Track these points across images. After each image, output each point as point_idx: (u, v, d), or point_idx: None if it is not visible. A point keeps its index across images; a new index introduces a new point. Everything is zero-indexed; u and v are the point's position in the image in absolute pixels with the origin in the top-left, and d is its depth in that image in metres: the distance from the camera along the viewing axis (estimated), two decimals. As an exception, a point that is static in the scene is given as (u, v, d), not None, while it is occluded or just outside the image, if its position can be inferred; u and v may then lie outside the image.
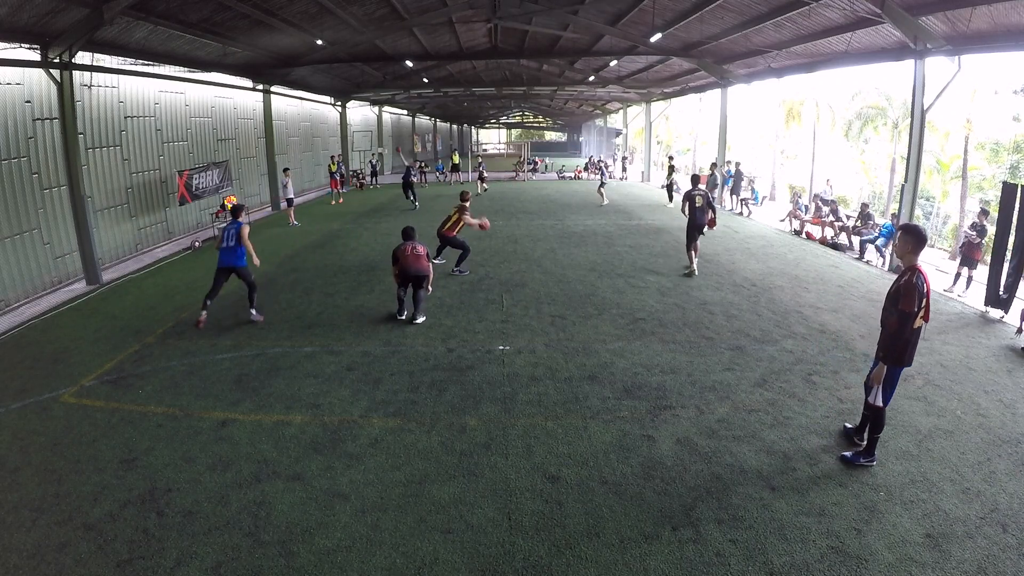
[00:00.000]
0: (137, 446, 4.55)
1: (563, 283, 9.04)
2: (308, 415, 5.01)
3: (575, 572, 3.23)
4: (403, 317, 7.46)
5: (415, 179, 20.30)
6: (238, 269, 7.27)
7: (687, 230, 9.52)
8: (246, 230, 7.29)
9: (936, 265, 11.37)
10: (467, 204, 9.74)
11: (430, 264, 7.53)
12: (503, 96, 33.21)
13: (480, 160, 26.89)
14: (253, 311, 7.46)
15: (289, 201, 15.30)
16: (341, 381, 5.66)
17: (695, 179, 9.99)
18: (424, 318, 7.40)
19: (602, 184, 19.31)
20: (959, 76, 9.32)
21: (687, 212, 9.47)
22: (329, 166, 20.52)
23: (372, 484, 4.03)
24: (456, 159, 26.97)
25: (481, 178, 23.09)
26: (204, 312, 7.22)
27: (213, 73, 14.36)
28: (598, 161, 22.49)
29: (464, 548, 3.42)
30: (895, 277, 4.11)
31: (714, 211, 9.59)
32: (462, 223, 9.51)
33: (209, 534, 3.54)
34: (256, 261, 7.41)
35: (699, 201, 9.36)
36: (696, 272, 9.43)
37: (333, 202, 19.45)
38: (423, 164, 27.50)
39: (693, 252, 9.52)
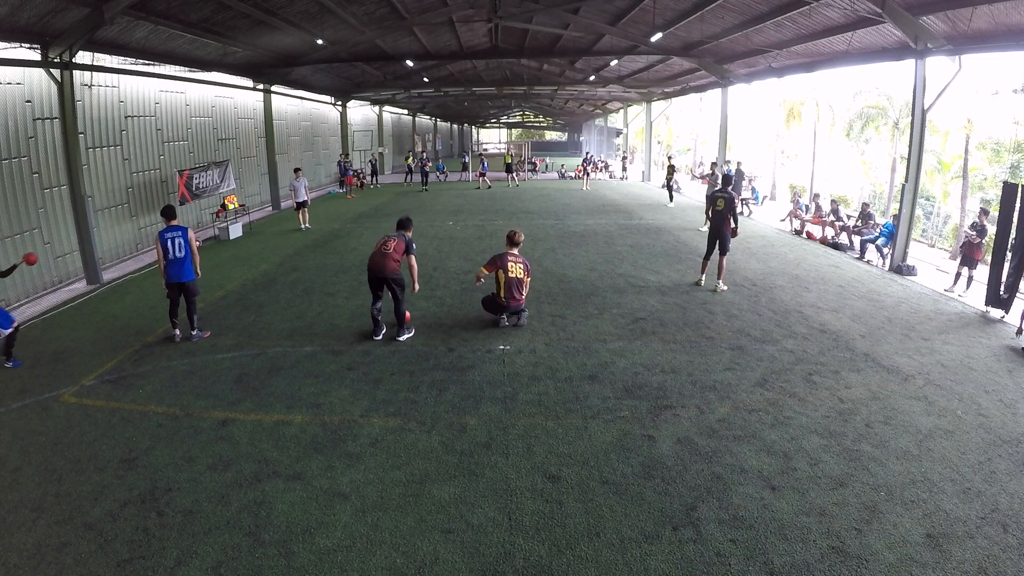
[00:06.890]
0: (137, 446, 4.55)
1: (563, 282, 9.04)
2: (308, 415, 5.01)
3: (575, 572, 3.23)
4: (379, 338, 6.64)
5: (426, 173, 23.73)
6: (187, 284, 6.53)
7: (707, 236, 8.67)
8: (193, 235, 6.59)
9: (937, 265, 11.36)
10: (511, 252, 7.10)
11: (402, 267, 6.45)
12: (504, 96, 33.22)
13: (481, 157, 28.15)
14: (195, 331, 6.78)
15: (299, 204, 14.16)
16: (341, 381, 5.66)
17: (726, 179, 8.92)
18: (410, 334, 6.78)
19: (586, 174, 24.02)
20: (960, 76, 9.31)
21: (709, 215, 8.47)
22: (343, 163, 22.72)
23: (372, 484, 4.03)
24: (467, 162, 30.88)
25: (483, 174, 24.32)
26: (176, 330, 6.70)
27: (213, 73, 14.35)
28: (590, 158, 26.65)
29: (464, 548, 3.42)
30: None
31: (735, 219, 8.38)
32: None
33: (209, 534, 3.54)
34: (198, 273, 6.70)
35: (720, 204, 8.35)
36: (713, 287, 8.52)
37: (349, 197, 21.05)
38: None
39: (705, 263, 8.76)
